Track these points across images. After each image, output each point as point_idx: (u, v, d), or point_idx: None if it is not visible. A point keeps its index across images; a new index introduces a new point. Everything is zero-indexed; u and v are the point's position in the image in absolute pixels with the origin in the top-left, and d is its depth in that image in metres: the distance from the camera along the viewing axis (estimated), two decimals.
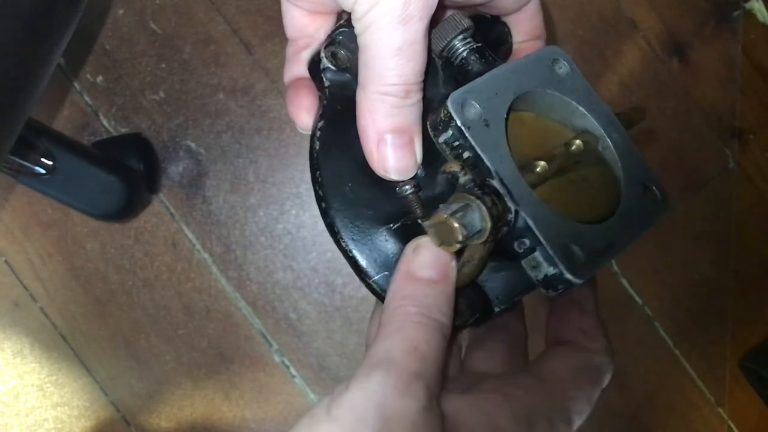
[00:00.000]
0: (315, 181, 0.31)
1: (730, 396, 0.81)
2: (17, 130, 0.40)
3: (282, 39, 0.34)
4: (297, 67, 0.34)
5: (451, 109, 0.28)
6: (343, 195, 0.31)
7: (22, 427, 0.73)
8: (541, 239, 0.27)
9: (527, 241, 0.27)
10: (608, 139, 0.32)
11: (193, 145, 0.73)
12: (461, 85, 0.29)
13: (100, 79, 0.72)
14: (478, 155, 0.28)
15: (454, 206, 0.26)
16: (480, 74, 0.30)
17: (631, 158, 0.32)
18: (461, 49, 0.31)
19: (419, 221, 0.30)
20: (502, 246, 0.28)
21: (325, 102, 0.32)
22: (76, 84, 0.72)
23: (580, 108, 0.31)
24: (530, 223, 0.27)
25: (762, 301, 0.82)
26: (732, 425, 0.81)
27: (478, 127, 0.28)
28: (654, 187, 0.32)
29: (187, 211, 0.73)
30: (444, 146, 0.29)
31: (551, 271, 0.27)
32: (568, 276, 0.27)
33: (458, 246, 0.26)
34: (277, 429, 0.74)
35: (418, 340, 0.25)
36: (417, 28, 0.27)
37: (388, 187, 0.30)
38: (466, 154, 0.28)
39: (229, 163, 0.73)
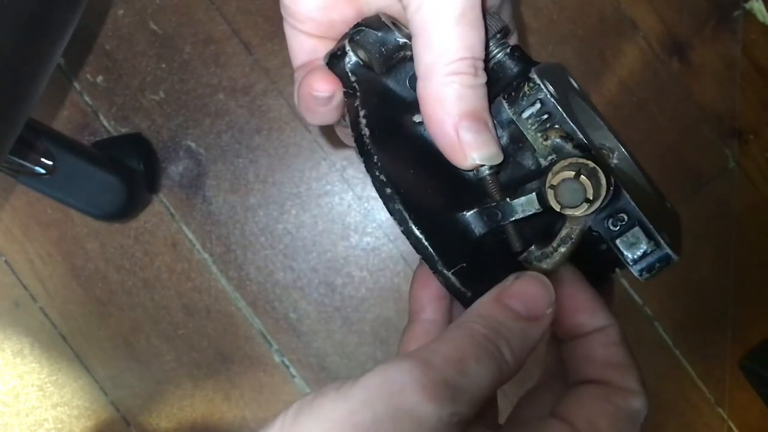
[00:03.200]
0: (374, 166, 0.27)
1: (730, 396, 0.81)
2: (17, 130, 0.40)
3: (282, 39, 0.34)
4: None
5: (538, 81, 0.26)
6: (407, 181, 0.27)
7: (22, 427, 0.73)
8: (642, 214, 0.26)
9: (625, 217, 0.26)
10: (624, 151, 0.31)
11: (193, 145, 0.73)
12: (496, 86, 0.27)
13: (100, 79, 0.72)
14: (571, 126, 0.26)
15: (575, 167, 0.24)
16: (520, 74, 0.28)
17: (642, 172, 0.32)
18: (496, 51, 0.29)
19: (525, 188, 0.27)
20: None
21: (359, 94, 0.30)
22: (76, 84, 0.72)
23: (598, 119, 0.31)
24: (630, 198, 0.26)
25: (762, 301, 0.82)
26: (732, 425, 0.81)
27: (563, 100, 0.27)
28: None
29: (187, 211, 0.73)
30: (528, 122, 0.27)
31: (651, 247, 0.26)
32: (668, 251, 0.26)
33: (582, 212, 0.24)
34: None
35: (469, 356, 0.22)
36: None
37: (452, 173, 0.28)
38: (556, 127, 0.27)
39: (229, 163, 0.73)
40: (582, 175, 0.24)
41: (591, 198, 0.24)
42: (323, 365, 0.75)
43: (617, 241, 0.27)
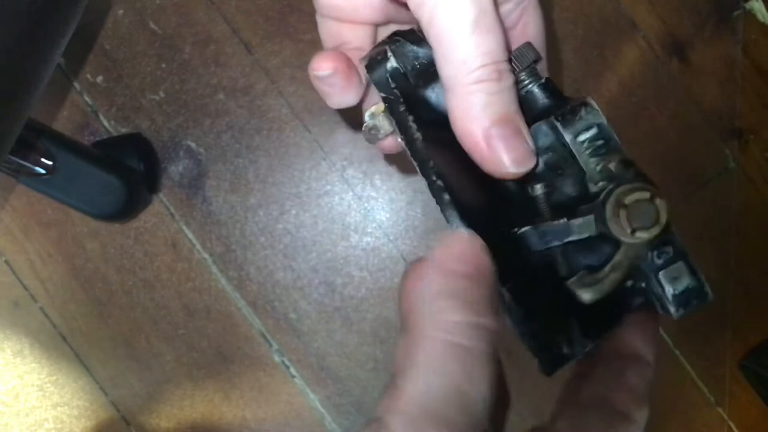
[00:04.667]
0: (430, 171, 0.26)
1: (730, 396, 0.81)
2: (17, 130, 0.40)
3: (282, 39, 0.34)
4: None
5: (596, 107, 0.26)
6: (460, 192, 0.26)
7: (22, 427, 0.73)
8: (688, 254, 0.25)
9: (670, 250, 0.25)
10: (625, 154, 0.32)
11: (193, 145, 0.73)
12: (525, 116, 0.27)
13: (100, 79, 0.72)
14: (626, 154, 0.26)
15: (644, 193, 0.24)
16: (546, 110, 0.28)
17: None
18: (528, 82, 0.29)
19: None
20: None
21: (402, 100, 0.29)
22: (76, 84, 0.72)
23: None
24: (676, 231, 0.25)
25: (762, 301, 0.82)
26: (732, 425, 0.81)
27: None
28: None
29: (187, 211, 0.73)
30: (583, 146, 0.26)
31: (693, 283, 0.26)
32: (707, 289, 0.26)
33: (653, 234, 0.24)
34: (277, 429, 0.74)
35: (459, 378, 0.20)
36: None
37: (497, 189, 0.28)
38: (615, 152, 0.26)
39: (229, 163, 0.73)
40: (657, 197, 0.24)
41: (664, 221, 0.24)
42: (323, 365, 0.75)
43: (660, 274, 0.26)
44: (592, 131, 0.26)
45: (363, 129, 0.32)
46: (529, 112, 0.28)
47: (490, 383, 0.21)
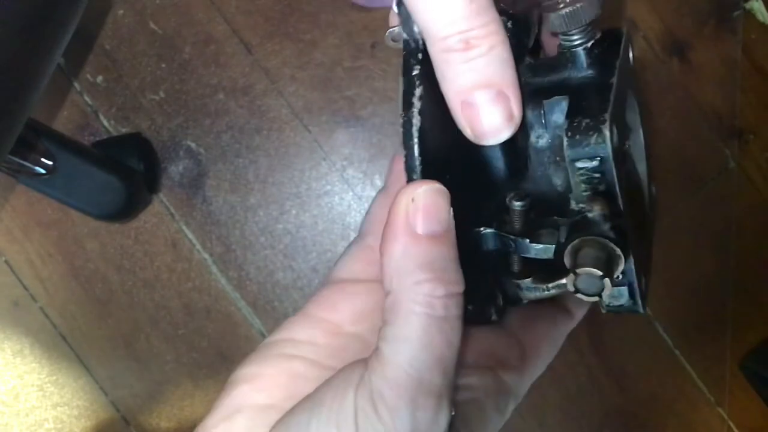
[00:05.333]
0: (411, 158, 0.25)
1: (730, 396, 0.81)
2: (17, 130, 0.40)
3: (282, 39, 0.34)
4: None
5: (608, 140, 0.24)
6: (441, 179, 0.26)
7: (22, 427, 0.73)
8: (635, 283, 0.26)
9: (620, 276, 0.26)
10: (641, 135, 0.31)
11: (193, 145, 0.73)
12: (561, 73, 0.26)
13: (100, 79, 0.72)
14: (616, 195, 0.25)
15: (602, 256, 0.24)
16: (581, 83, 0.26)
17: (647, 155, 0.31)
18: (577, 40, 0.27)
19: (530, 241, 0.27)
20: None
21: (420, 66, 0.26)
22: (76, 84, 0.72)
23: (635, 103, 0.30)
24: (633, 265, 0.26)
25: (762, 301, 0.82)
26: (732, 425, 0.81)
27: (617, 157, 0.25)
28: (652, 188, 0.32)
29: (187, 211, 0.73)
30: (579, 171, 0.25)
31: (628, 304, 0.27)
32: (641, 309, 0.27)
33: (592, 299, 0.24)
34: None
35: (441, 347, 0.22)
36: None
37: (490, 190, 0.28)
38: (600, 188, 0.25)
39: (229, 163, 0.73)
40: (606, 277, 0.24)
41: (603, 296, 0.24)
42: None
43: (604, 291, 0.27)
44: (593, 163, 0.25)
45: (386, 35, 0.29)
46: (567, 72, 0.27)
47: (460, 340, 0.23)
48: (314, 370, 0.25)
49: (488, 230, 0.27)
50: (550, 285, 0.27)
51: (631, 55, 0.29)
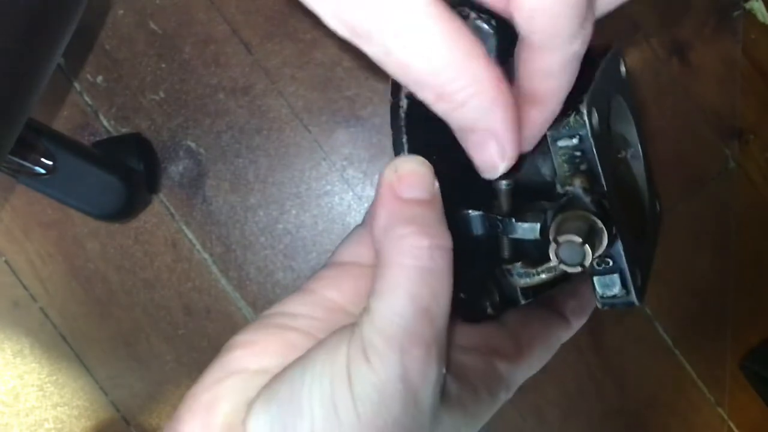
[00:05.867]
0: (398, 139, 0.26)
1: (730, 396, 0.81)
2: (17, 130, 0.40)
3: (282, 39, 0.34)
4: None
5: (585, 118, 0.25)
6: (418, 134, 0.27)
7: (22, 427, 0.73)
8: (626, 270, 0.26)
9: (610, 262, 0.26)
10: (640, 150, 0.31)
11: (193, 145, 0.73)
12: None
13: (100, 79, 0.72)
14: (597, 174, 0.26)
15: (583, 227, 0.25)
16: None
17: (647, 169, 0.32)
18: None
19: (517, 221, 0.28)
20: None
21: None
22: (76, 84, 0.72)
23: (629, 113, 0.30)
24: (622, 251, 0.26)
25: (762, 301, 0.82)
26: (732, 425, 0.81)
27: (600, 139, 0.26)
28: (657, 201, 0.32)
29: (187, 211, 0.73)
30: (560, 150, 0.26)
31: (621, 293, 0.27)
32: (634, 300, 0.27)
33: (575, 270, 0.25)
34: None
35: (427, 297, 0.22)
36: None
37: (478, 175, 0.27)
38: (582, 167, 0.26)
39: (229, 163, 0.73)
40: (587, 243, 0.24)
41: (587, 266, 0.24)
42: None
43: (594, 278, 0.27)
44: (573, 141, 0.26)
45: None
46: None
47: (449, 297, 0.23)
48: (309, 342, 0.25)
49: (476, 213, 0.28)
50: (539, 269, 0.28)
51: (623, 69, 0.30)
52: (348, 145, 0.74)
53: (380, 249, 0.24)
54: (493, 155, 0.24)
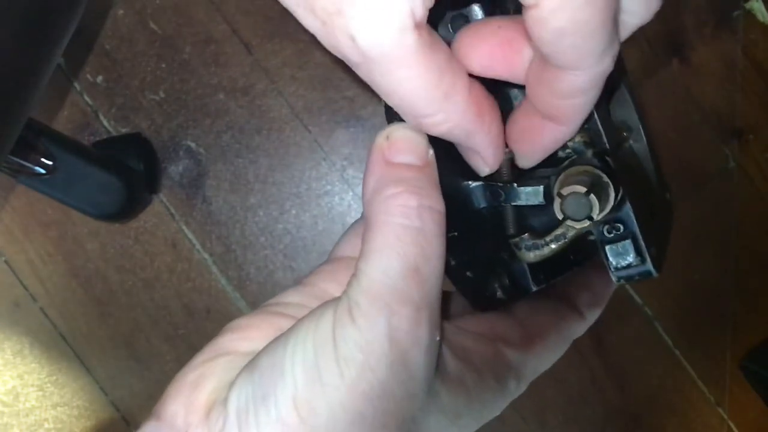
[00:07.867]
0: (393, 115, 0.26)
1: (730, 396, 0.81)
2: (17, 130, 0.40)
3: (282, 39, 0.34)
4: None
5: None
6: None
7: (22, 427, 0.73)
8: (639, 234, 0.26)
9: (621, 227, 0.26)
10: (643, 134, 0.31)
11: (193, 145, 0.73)
12: None
13: (100, 79, 0.72)
14: (599, 130, 0.25)
15: (587, 179, 0.24)
16: None
17: (653, 157, 0.31)
18: None
19: (517, 186, 0.27)
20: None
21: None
22: (76, 84, 0.72)
23: (628, 96, 0.30)
24: (631, 211, 0.26)
25: (762, 301, 0.82)
26: (732, 425, 0.81)
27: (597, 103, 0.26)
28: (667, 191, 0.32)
29: (187, 211, 0.73)
30: None
31: (636, 262, 0.26)
32: (651, 268, 0.26)
33: (582, 225, 0.24)
34: None
35: (416, 258, 0.22)
36: None
37: None
38: (584, 127, 0.25)
39: (229, 163, 0.73)
40: (592, 193, 0.24)
41: (594, 217, 0.24)
42: None
43: (606, 247, 0.27)
44: None
45: None
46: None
47: (441, 260, 0.22)
48: None
49: (477, 183, 0.27)
50: (548, 238, 0.27)
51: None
52: (348, 145, 0.74)
53: (368, 212, 0.23)
54: (478, 162, 0.25)
